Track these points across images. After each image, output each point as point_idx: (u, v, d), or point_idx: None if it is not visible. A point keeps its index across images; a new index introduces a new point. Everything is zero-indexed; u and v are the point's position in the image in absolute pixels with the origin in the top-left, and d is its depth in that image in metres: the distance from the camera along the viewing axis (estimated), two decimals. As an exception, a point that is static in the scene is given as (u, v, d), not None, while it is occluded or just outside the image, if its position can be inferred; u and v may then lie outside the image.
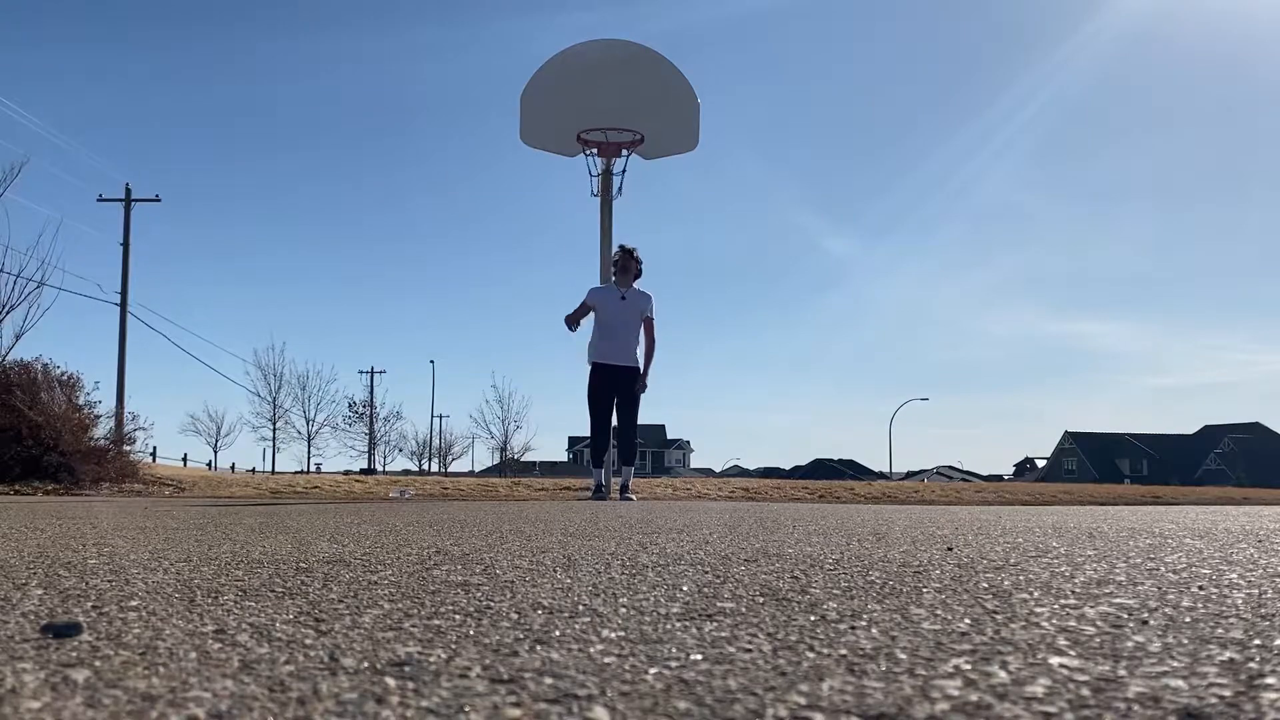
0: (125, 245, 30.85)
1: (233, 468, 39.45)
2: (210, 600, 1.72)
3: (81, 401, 11.78)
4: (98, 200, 31.45)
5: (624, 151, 10.16)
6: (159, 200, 32.48)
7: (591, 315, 8.87)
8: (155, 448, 23.79)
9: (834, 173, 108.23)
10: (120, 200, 31.26)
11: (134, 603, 1.68)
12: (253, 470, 38.60)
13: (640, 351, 8.87)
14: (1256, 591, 1.93)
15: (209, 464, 39.50)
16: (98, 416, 11.96)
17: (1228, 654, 1.27)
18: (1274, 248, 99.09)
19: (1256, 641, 1.36)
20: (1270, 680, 1.11)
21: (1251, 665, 1.20)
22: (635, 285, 8.84)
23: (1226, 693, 1.05)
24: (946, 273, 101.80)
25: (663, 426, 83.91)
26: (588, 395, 8.86)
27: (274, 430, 48.66)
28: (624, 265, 8.85)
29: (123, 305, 30.29)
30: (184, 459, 30.74)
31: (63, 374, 11.75)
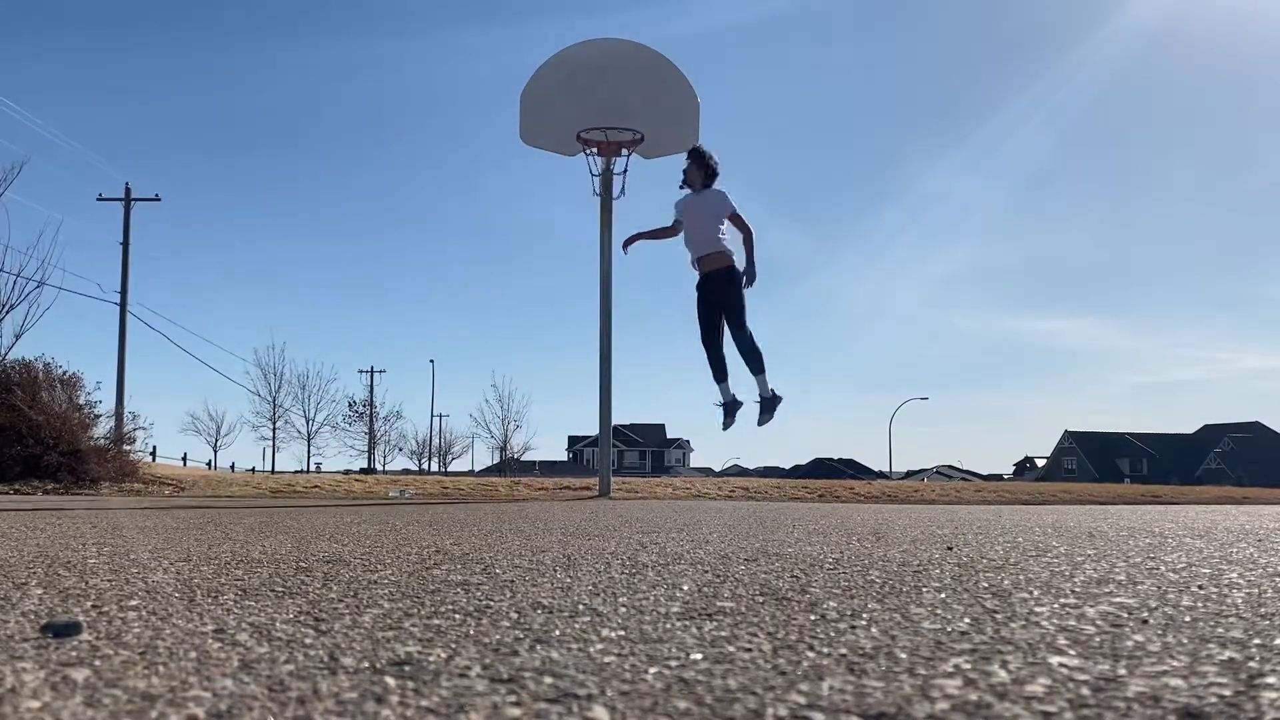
0: (125, 245, 30.83)
1: (232, 467, 39.45)
2: (210, 600, 1.72)
3: (82, 401, 11.78)
4: (98, 199, 31.42)
5: (624, 151, 10.15)
6: (159, 200, 32.41)
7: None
8: (155, 447, 23.76)
9: (831, 175, 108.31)
10: (120, 200, 31.23)
11: (134, 602, 1.68)
12: (252, 470, 38.58)
13: (727, 243, 7.85)
14: (1256, 591, 1.93)
15: (209, 463, 39.47)
16: (98, 416, 11.97)
17: (1227, 653, 1.27)
18: (1250, 245, 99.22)
19: (1256, 641, 1.36)
20: (1270, 679, 1.11)
21: (1251, 664, 1.20)
22: (710, 186, 7.92)
23: (1226, 692, 1.05)
24: (945, 274, 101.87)
25: (663, 426, 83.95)
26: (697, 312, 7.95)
27: (274, 430, 48.56)
28: (692, 172, 7.88)
29: (122, 305, 30.27)
30: (184, 458, 30.70)
31: (63, 373, 11.75)
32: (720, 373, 8.12)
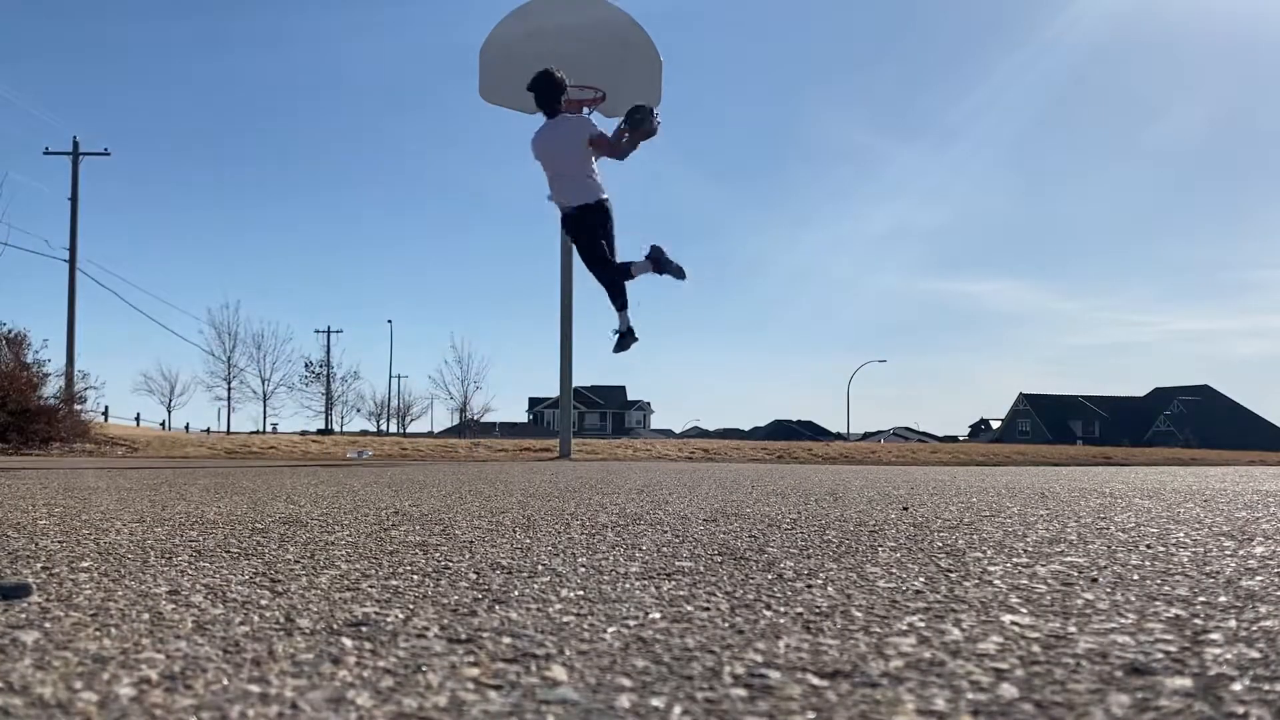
0: (74, 200, 30.10)
1: (187, 428, 38.94)
2: (164, 561, 1.70)
3: (30, 359, 11.56)
4: (44, 153, 30.61)
5: (585, 109, 10.05)
6: (108, 154, 31.66)
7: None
8: (107, 407, 23.45)
9: (790, 134, 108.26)
10: (68, 154, 30.46)
11: (86, 564, 1.66)
12: (207, 430, 38.10)
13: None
14: (1202, 550, 1.97)
15: (162, 424, 38.98)
16: (47, 375, 11.77)
17: (1174, 610, 1.30)
18: (1169, 212, 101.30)
19: (1201, 599, 1.39)
20: (1214, 636, 1.14)
21: (1196, 621, 1.23)
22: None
23: (1172, 648, 1.08)
24: (902, 238, 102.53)
25: (623, 388, 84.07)
26: None
27: (229, 390, 47.92)
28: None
29: (71, 261, 29.62)
30: (137, 419, 30.27)
31: (9, 331, 11.51)
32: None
